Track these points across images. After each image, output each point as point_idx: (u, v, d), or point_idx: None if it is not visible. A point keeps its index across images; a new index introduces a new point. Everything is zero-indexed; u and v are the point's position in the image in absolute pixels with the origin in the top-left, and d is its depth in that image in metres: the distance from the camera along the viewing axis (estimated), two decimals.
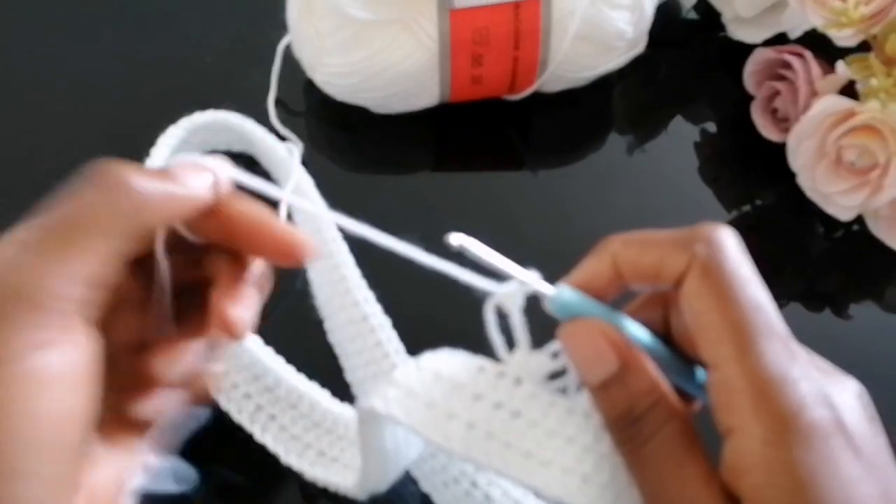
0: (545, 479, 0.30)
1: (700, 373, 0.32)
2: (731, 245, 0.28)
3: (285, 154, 0.51)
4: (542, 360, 0.32)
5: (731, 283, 0.27)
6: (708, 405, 0.30)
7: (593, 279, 0.30)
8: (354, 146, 0.57)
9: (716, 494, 0.26)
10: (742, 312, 0.26)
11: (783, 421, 0.25)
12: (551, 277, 0.31)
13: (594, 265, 0.31)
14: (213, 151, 0.53)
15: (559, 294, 0.30)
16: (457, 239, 0.30)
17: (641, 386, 0.28)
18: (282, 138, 0.53)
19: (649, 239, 0.30)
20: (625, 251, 0.30)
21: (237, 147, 0.53)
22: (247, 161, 0.54)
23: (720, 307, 0.27)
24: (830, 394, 0.26)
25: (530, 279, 0.31)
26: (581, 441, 0.30)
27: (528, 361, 0.31)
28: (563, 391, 0.31)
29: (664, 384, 0.28)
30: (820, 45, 0.51)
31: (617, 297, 0.32)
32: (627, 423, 0.28)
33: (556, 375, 0.31)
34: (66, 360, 0.26)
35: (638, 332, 0.31)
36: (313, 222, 0.49)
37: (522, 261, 0.32)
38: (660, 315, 0.32)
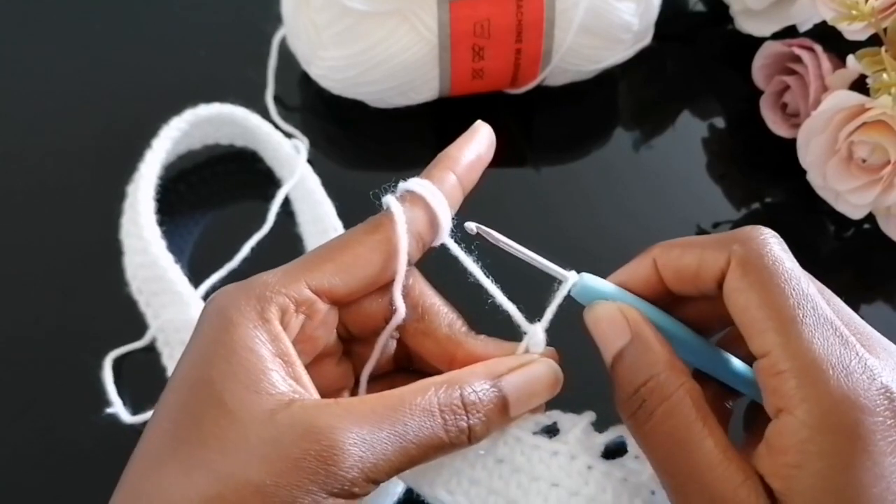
0: None
1: (734, 362, 0.31)
2: (770, 242, 0.28)
3: (290, 151, 0.51)
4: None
5: (773, 276, 0.27)
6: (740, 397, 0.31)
7: (631, 282, 0.31)
8: (351, 142, 0.56)
9: (733, 471, 0.26)
10: (787, 301, 0.27)
11: (828, 407, 0.25)
12: (554, 277, 0.31)
13: (634, 268, 0.31)
14: (214, 145, 0.52)
15: (583, 279, 0.31)
16: (473, 226, 0.31)
17: (649, 355, 0.28)
18: (287, 135, 0.53)
19: (690, 241, 0.31)
20: (666, 253, 0.31)
21: (240, 142, 0.53)
22: (249, 157, 0.53)
23: (764, 299, 0.27)
24: (892, 383, 0.26)
25: (552, 266, 0.31)
26: (567, 485, 0.30)
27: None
28: (552, 436, 0.31)
29: (676, 360, 0.29)
30: (830, 39, 0.50)
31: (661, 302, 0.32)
32: (633, 391, 0.28)
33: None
34: None
35: (661, 318, 0.31)
36: (318, 222, 0.48)
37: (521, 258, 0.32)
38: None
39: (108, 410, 0.42)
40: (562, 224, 0.51)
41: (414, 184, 0.32)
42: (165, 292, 0.44)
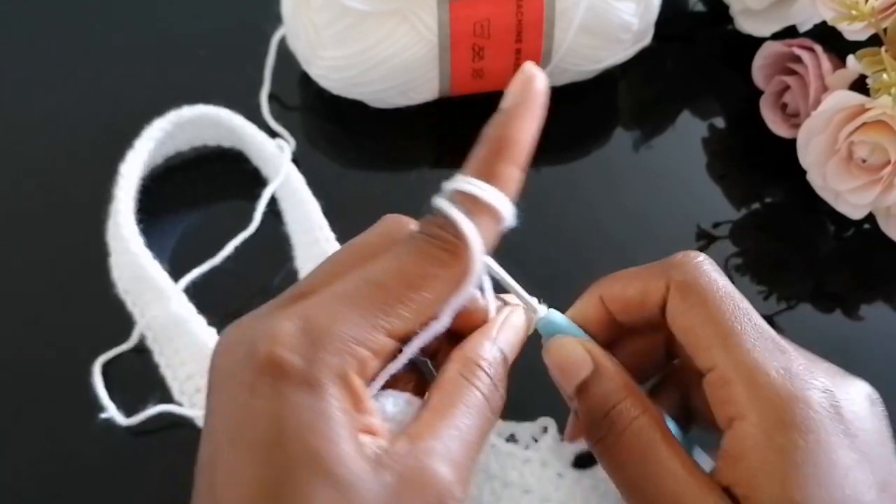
0: None
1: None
2: (703, 264, 0.30)
3: (275, 150, 0.50)
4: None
5: (709, 294, 0.29)
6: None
7: (582, 319, 0.33)
8: (351, 142, 0.56)
9: (699, 485, 0.27)
10: (725, 316, 0.29)
11: (778, 406, 0.27)
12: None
13: (583, 306, 0.33)
14: (202, 146, 0.52)
15: (549, 315, 0.32)
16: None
17: (614, 383, 0.30)
18: (273, 135, 0.52)
19: (631, 272, 0.32)
20: (610, 287, 0.32)
21: (227, 143, 0.52)
22: (236, 157, 0.53)
23: (704, 318, 0.29)
24: (831, 386, 0.28)
25: (527, 298, 0.32)
26: (538, 491, 0.31)
27: None
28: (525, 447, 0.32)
29: (637, 387, 0.30)
30: (830, 39, 0.50)
31: (609, 339, 0.33)
32: (600, 418, 0.29)
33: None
34: None
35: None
36: (304, 221, 0.48)
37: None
38: (678, 397, 0.34)
39: (103, 416, 0.42)
40: (562, 224, 0.51)
41: (478, 189, 0.27)
42: (148, 290, 0.44)
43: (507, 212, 0.28)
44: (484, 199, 0.27)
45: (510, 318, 0.31)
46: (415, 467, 0.24)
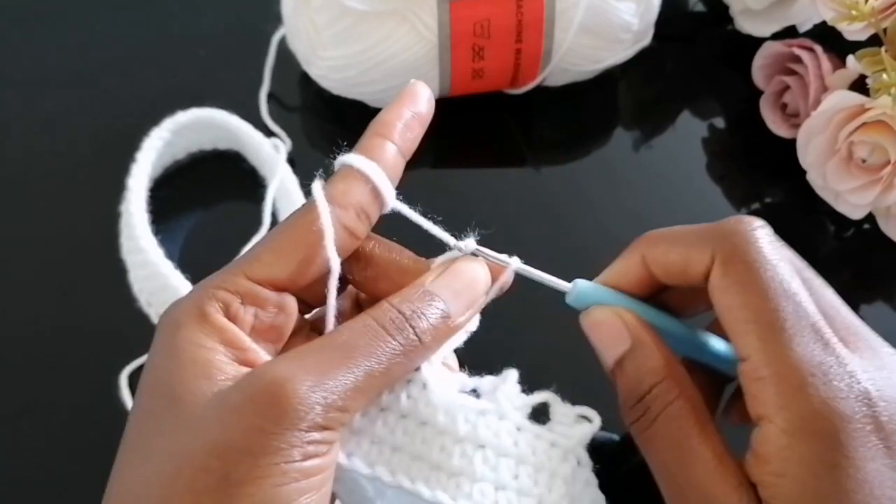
0: (454, 493, 0.28)
1: (715, 343, 0.31)
2: (755, 235, 0.28)
3: (271, 151, 0.50)
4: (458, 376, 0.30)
5: (755, 274, 0.27)
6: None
7: (622, 278, 0.31)
8: (351, 142, 0.55)
9: (727, 477, 0.26)
10: (767, 303, 0.26)
11: (808, 415, 0.25)
12: (556, 275, 0.31)
13: (623, 264, 0.31)
14: (198, 151, 0.52)
15: (575, 286, 0.30)
16: (468, 246, 0.31)
17: (650, 363, 0.28)
18: (270, 134, 0.52)
19: (675, 235, 0.30)
20: (652, 249, 0.30)
21: (224, 145, 0.53)
22: (233, 158, 0.53)
23: (744, 300, 0.27)
24: (872, 388, 0.26)
25: (547, 277, 0.30)
26: (495, 446, 0.29)
27: (438, 368, 0.30)
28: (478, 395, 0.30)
29: (676, 365, 0.29)
30: (830, 39, 0.50)
31: (652, 294, 0.31)
32: (636, 401, 0.28)
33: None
34: None
35: (654, 316, 0.30)
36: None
37: (524, 259, 0.32)
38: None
39: None
40: (562, 224, 0.51)
41: (350, 158, 0.31)
42: (172, 300, 0.44)
43: (368, 168, 0.31)
44: (347, 162, 0.31)
45: (454, 265, 0.30)
46: (260, 384, 0.26)
